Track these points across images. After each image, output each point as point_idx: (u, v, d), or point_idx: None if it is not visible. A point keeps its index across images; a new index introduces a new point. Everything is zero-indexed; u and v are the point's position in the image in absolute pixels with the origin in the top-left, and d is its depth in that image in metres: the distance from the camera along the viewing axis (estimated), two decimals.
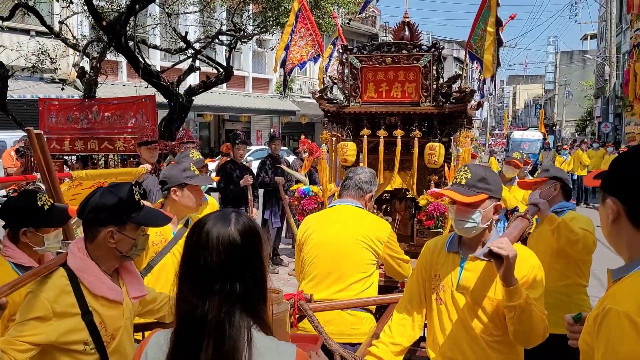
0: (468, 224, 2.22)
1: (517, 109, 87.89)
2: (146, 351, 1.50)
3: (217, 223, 1.45)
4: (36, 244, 2.62)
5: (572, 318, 1.77)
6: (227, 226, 1.44)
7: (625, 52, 26.80)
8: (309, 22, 4.63)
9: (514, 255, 2.02)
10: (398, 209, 4.66)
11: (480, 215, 2.21)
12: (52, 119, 7.62)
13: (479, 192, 2.21)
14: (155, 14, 15.75)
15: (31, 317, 1.96)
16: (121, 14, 9.75)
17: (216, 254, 1.41)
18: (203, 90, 12.23)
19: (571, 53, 54.05)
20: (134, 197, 2.16)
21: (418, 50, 4.13)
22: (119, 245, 2.12)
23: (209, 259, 1.41)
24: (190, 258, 1.45)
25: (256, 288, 1.45)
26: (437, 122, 4.20)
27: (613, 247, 1.57)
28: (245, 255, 1.44)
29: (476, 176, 2.24)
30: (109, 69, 14.43)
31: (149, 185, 5.26)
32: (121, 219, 2.11)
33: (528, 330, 2.12)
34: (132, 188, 2.18)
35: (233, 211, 1.51)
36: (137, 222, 2.15)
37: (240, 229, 1.45)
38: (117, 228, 2.10)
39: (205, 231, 1.44)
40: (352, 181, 3.22)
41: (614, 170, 1.53)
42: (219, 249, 1.41)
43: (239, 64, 25.22)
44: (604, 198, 1.54)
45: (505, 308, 2.10)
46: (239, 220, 1.47)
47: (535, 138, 29.44)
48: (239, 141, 7.46)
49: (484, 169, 2.33)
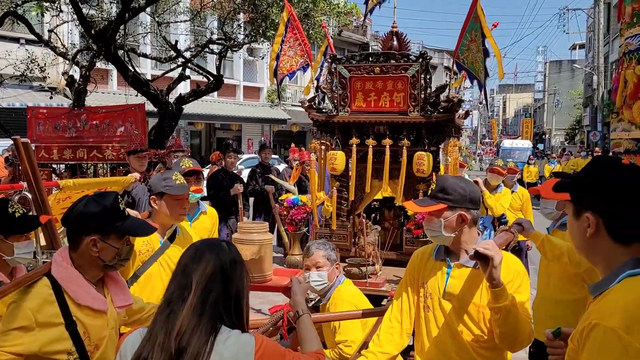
0: (432, 233, 2.34)
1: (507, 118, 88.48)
2: (125, 342, 1.73)
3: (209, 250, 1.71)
4: (5, 252, 2.55)
5: (551, 333, 1.78)
6: (218, 254, 1.70)
7: (613, 62, 27.11)
8: (297, 31, 4.65)
9: (499, 256, 2.06)
10: (387, 217, 4.67)
11: (441, 224, 2.29)
12: (40, 128, 7.56)
13: (437, 202, 2.29)
14: (145, 22, 15.73)
15: (14, 327, 1.94)
16: (111, 23, 9.74)
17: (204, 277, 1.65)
18: (193, 99, 12.22)
19: (560, 62, 54.52)
20: (118, 206, 2.15)
21: (406, 60, 4.15)
22: (102, 254, 2.11)
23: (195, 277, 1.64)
24: (180, 278, 1.68)
25: (237, 310, 1.69)
26: (426, 131, 4.22)
27: (589, 260, 1.55)
28: (231, 282, 1.68)
29: (438, 187, 2.34)
30: (99, 78, 14.39)
31: (138, 194, 5.23)
32: (105, 228, 2.10)
33: (513, 333, 2.14)
34: (117, 197, 2.17)
35: (224, 241, 1.79)
36: (121, 232, 2.14)
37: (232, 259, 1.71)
38: (100, 237, 2.09)
39: (198, 253, 1.70)
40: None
41: (588, 181, 1.49)
42: (205, 270, 1.65)
43: (230, 73, 25.24)
44: (578, 212, 1.51)
45: (492, 310, 2.13)
46: (231, 250, 1.74)
47: (525, 147, 29.66)
48: (230, 150, 7.45)
49: (450, 179, 2.37)
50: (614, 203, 1.43)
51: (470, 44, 3.97)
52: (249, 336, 1.67)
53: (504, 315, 2.09)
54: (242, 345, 1.63)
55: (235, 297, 1.69)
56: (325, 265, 3.25)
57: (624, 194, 1.42)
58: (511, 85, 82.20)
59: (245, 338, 1.65)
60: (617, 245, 1.45)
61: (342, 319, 2.93)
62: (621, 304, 1.35)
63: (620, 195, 1.42)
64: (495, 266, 2.04)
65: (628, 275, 1.41)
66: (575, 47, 50.36)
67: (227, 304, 1.66)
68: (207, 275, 1.65)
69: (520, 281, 2.25)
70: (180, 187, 3.12)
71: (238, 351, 1.62)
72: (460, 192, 2.29)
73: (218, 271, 1.67)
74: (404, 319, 2.47)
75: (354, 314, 2.95)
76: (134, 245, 2.31)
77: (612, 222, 1.44)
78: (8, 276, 2.56)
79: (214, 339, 1.60)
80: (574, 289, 3.42)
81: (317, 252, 3.28)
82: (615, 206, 1.42)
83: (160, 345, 1.59)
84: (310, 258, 3.27)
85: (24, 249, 2.61)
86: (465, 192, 2.30)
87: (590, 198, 1.48)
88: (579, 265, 3.37)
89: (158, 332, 1.61)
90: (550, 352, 1.78)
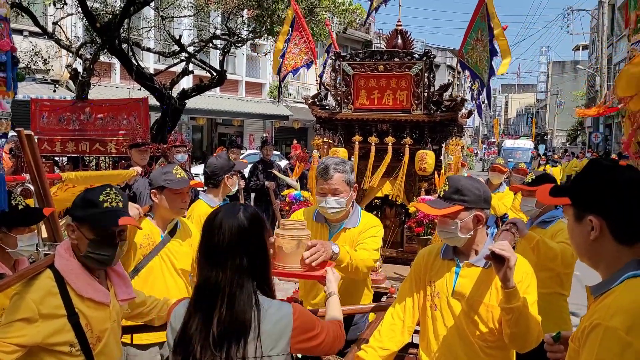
0: (447, 235, 2.32)
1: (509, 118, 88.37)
2: (174, 314, 1.88)
3: (228, 213, 1.84)
4: (8, 245, 2.54)
5: (551, 337, 1.79)
6: (236, 215, 1.83)
7: (616, 64, 27.06)
8: (302, 29, 4.66)
9: (515, 257, 2.07)
10: (388, 215, 4.68)
11: (457, 226, 2.27)
12: (44, 120, 7.57)
13: (453, 204, 2.28)
14: (149, 17, 15.72)
15: (17, 319, 1.95)
16: (115, 16, 9.74)
17: (228, 236, 1.78)
18: (196, 94, 12.22)
19: (563, 63, 54.43)
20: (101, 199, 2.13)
21: (410, 58, 4.16)
22: (79, 242, 2.12)
23: (222, 240, 1.78)
24: (208, 240, 1.82)
25: (260, 262, 1.83)
26: (428, 129, 4.22)
27: (590, 264, 1.55)
28: (250, 238, 1.82)
29: (451, 188, 2.31)
30: (102, 71, 14.38)
31: (139, 188, 5.24)
32: (78, 214, 2.12)
33: (524, 334, 2.15)
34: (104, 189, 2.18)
35: (242, 204, 1.92)
36: (91, 221, 2.11)
37: (248, 216, 1.84)
38: (77, 224, 2.12)
39: (219, 218, 1.82)
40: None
41: (590, 185, 1.50)
42: (230, 232, 1.79)
43: (233, 68, 25.22)
44: (580, 216, 1.51)
45: (504, 310, 2.13)
46: (247, 210, 1.86)
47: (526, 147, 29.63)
48: (233, 146, 7.45)
49: (462, 180, 2.36)
50: (617, 204, 1.43)
51: (476, 43, 3.97)
52: (287, 304, 1.86)
53: (515, 316, 2.10)
54: (284, 312, 1.81)
55: (261, 259, 1.84)
56: (345, 191, 2.92)
57: (626, 194, 1.43)
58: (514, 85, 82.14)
59: (285, 305, 1.85)
60: (620, 246, 1.45)
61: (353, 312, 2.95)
62: (623, 304, 1.35)
63: (623, 196, 1.43)
64: (510, 267, 2.04)
65: (631, 276, 1.41)
66: (578, 48, 50.28)
67: (258, 265, 1.82)
68: (236, 235, 1.78)
69: (529, 281, 2.25)
70: (180, 181, 3.11)
71: (282, 317, 1.80)
72: (475, 193, 2.28)
73: (244, 230, 1.80)
74: (407, 316, 2.48)
75: (364, 309, 2.96)
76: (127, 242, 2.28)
77: (616, 223, 1.44)
78: (11, 268, 2.56)
79: (258, 306, 1.77)
80: (548, 282, 3.44)
81: (336, 175, 2.89)
82: (619, 207, 1.43)
83: (209, 307, 1.76)
84: (329, 182, 2.89)
85: (27, 242, 2.61)
86: (480, 192, 2.30)
87: (592, 200, 1.48)
88: (569, 267, 3.44)
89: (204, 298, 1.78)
90: (551, 356, 1.79)
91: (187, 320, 1.79)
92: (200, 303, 1.79)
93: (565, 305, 3.61)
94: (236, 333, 1.73)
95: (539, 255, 3.31)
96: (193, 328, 1.76)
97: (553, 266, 3.39)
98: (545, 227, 3.61)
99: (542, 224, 3.65)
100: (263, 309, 1.78)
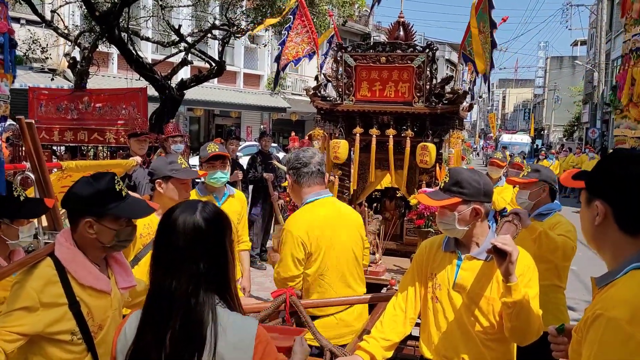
0: (445, 226, 2.32)
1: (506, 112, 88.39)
2: (125, 328, 1.65)
3: (185, 210, 1.63)
4: (10, 236, 2.50)
5: (555, 329, 1.79)
6: (193, 213, 1.62)
7: (614, 59, 27.05)
8: (305, 18, 4.62)
9: (517, 252, 2.07)
10: (388, 207, 4.68)
11: (455, 217, 2.27)
12: (42, 109, 7.53)
13: (452, 196, 2.28)
14: (148, 6, 15.62)
15: (18, 307, 1.94)
16: (115, 5, 9.67)
17: (182, 237, 1.58)
18: (195, 84, 12.18)
19: (561, 58, 54.40)
20: (114, 187, 2.10)
21: (412, 50, 4.14)
22: (99, 236, 2.09)
23: (176, 242, 1.58)
24: (161, 241, 1.62)
25: (219, 269, 1.61)
26: (429, 122, 4.22)
27: (596, 249, 1.57)
28: (208, 239, 1.60)
29: (451, 180, 2.31)
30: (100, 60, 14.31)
31: (138, 177, 5.23)
32: (98, 210, 2.07)
33: (525, 327, 2.16)
34: (113, 178, 2.13)
35: (201, 201, 1.70)
36: (116, 214, 2.10)
37: (205, 216, 1.62)
38: (95, 219, 2.07)
39: (174, 217, 1.62)
40: (312, 165, 2.93)
41: (602, 171, 1.52)
42: (185, 232, 1.58)
43: (231, 59, 25.11)
44: (589, 200, 1.53)
45: (504, 304, 2.13)
46: (205, 209, 1.64)
47: (524, 142, 29.70)
48: (232, 137, 7.43)
49: (464, 172, 2.36)
50: (623, 193, 1.45)
51: (478, 35, 3.95)
52: (253, 322, 1.62)
53: (516, 310, 2.10)
54: (245, 333, 1.58)
55: (221, 264, 1.62)
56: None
57: (634, 185, 1.44)
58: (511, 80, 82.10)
59: (248, 324, 1.60)
60: (624, 235, 1.46)
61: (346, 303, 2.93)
62: (626, 295, 1.36)
63: (631, 186, 1.44)
64: (512, 262, 2.04)
65: (635, 268, 1.42)
66: (577, 43, 50.20)
67: (217, 272, 1.60)
68: (190, 237, 1.58)
69: (531, 275, 2.25)
70: (187, 172, 3.13)
71: (242, 338, 1.56)
72: (475, 186, 2.28)
73: (199, 231, 1.59)
74: (409, 308, 2.48)
75: (362, 299, 2.95)
76: (137, 227, 2.29)
77: (620, 212, 1.46)
78: (5, 258, 2.53)
79: (215, 322, 1.53)
80: (546, 274, 3.46)
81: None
82: (625, 196, 1.44)
83: (161, 323, 1.54)
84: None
85: (27, 233, 2.59)
86: (479, 186, 2.28)
87: (601, 187, 1.51)
88: (568, 260, 3.47)
89: (155, 311, 1.57)
90: (554, 348, 1.80)
91: (139, 335, 1.57)
92: (152, 315, 1.57)
93: (563, 297, 3.64)
94: (189, 353, 1.51)
95: (540, 246, 3.32)
96: (145, 345, 1.55)
97: (553, 258, 3.40)
98: (542, 220, 3.62)
99: (539, 217, 3.66)
100: (220, 326, 1.54)
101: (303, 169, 2.94)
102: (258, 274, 7.82)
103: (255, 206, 8.35)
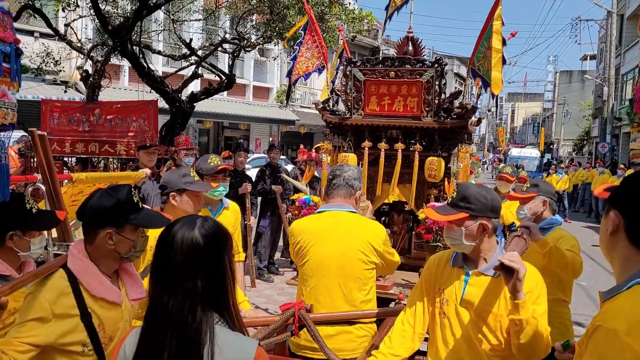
0: (453, 241, 2.33)
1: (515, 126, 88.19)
2: (124, 344, 1.64)
3: (184, 226, 1.61)
4: (21, 248, 2.52)
5: (561, 346, 1.79)
6: (192, 229, 1.60)
7: (624, 74, 26.97)
8: (315, 34, 4.68)
9: (524, 269, 2.07)
10: (396, 221, 4.68)
11: (462, 233, 2.28)
12: (55, 121, 7.63)
13: (459, 211, 2.29)
14: (159, 20, 15.80)
15: (31, 318, 1.96)
16: (127, 19, 9.80)
17: (180, 253, 1.56)
18: (205, 97, 12.27)
19: (570, 73, 54.28)
20: (132, 198, 2.17)
21: (421, 65, 4.17)
22: (117, 246, 2.13)
23: (174, 258, 1.57)
24: (159, 256, 1.61)
25: (217, 285, 1.59)
26: (438, 136, 4.23)
27: (607, 259, 1.59)
28: (206, 255, 1.58)
29: (459, 195, 2.33)
30: (111, 72, 14.48)
31: (147, 190, 5.27)
32: (119, 221, 2.12)
33: (533, 344, 2.14)
34: (130, 190, 2.19)
35: (201, 217, 1.68)
36: (136, 224, 2.16)
37: (204, 233, 1.60)
38: (115, 229, 2.11)
39: (172, 232, 1.60)
40: (341, 179, 2.97)
41: (623, 184, 1.56)
42: (182, 248, 1.57)
43: (241, 72, 25.30)
44: (607, 210, 1.56)
45: (512, 321, 2.12)
46: (204, 225, 1.63)
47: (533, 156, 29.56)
48: (240, 149, 7.48)
49: (471, 187, 2.36)
50: (635, 206, 1.47)
51: (487, 51, 3.97)
52: (252, 343, 1.59)
53: (524, 327, 2.09)
54: (243, 355, 1.55)
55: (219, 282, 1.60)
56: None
57: None
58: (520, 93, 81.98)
59: (247, 345, 1.57)
60: (633, 248, 1.48)
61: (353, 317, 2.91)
62: (625, 307, 1.38)
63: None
64: (520, 279, 2.04)
65: (638, 283, 1.43)
66: (586, 57, 50.14)
67: (215, 290, 1.58)
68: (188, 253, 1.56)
69: (539, 292, 2.24)
70: (200, 184, 3.21)
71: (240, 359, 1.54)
72: (482, 202, 2.28)
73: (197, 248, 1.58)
74: (417, 323, 2.48)
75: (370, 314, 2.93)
76: (149, 237, 2.32)
77: (631, 224, 1.47)
78: (17, 270, 2.56)
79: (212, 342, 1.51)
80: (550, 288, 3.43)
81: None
82: (636, 209, 1.46)
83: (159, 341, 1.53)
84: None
85: (38, 244, 2.62)
86: (487, 201, 2.29)
87: (618, 198, 1.53)
88: (576, 276, 3.47)
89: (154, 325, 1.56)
90: None
91: (138, 353, 1.56)
92: (150, 332, 1.55)
93: (568, 312, 3.62)
94: None
95: (550, 261, 3.30)
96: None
97: (562, 273, 3.39)
98: (544, 234, 3.60)
99: (541, 231, 3.64)
100: (217, 346, 1.51)
101: (332, 181, 3.00)
102: (266, 286, 7.82)
103: (263, 218, 8.37)
